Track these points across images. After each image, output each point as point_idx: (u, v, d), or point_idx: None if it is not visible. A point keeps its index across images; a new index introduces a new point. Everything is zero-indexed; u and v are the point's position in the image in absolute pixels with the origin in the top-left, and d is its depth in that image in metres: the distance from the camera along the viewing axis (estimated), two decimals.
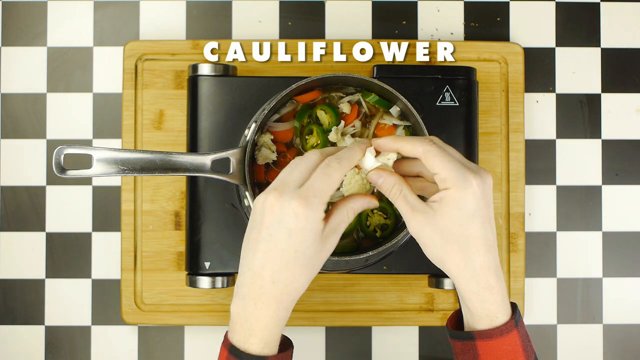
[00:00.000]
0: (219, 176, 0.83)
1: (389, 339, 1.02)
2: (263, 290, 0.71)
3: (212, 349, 1.01)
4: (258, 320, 0.72)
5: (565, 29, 1.04)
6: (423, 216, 0.72)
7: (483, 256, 0.72)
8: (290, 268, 0.71)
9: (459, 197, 0.71)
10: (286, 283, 0.71)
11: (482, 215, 0.72)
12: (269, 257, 0.71)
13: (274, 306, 0.71)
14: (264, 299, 0.71)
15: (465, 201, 0.71)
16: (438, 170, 0.72)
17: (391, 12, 1.04)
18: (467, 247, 0.72)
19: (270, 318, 0.72)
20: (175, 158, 0.81)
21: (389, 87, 0.85)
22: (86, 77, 1.03)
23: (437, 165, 0.72)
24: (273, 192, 0.71)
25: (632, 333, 1.03)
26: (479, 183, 0.71)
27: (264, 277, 0.71)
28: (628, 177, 1.04)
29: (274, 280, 0.71)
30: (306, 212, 0.70)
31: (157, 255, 1.00)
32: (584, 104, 1.04)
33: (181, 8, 1.04)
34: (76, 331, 1.01)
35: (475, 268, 0.72)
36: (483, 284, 0.72)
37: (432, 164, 0.72)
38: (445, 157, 0.72)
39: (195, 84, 0.92)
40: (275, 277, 0.71)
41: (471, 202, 0.71)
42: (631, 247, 1.03)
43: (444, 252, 0.73)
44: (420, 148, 0.73)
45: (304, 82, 0.84)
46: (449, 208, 0.71)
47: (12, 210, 1.02)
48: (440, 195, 0.72)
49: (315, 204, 0.71)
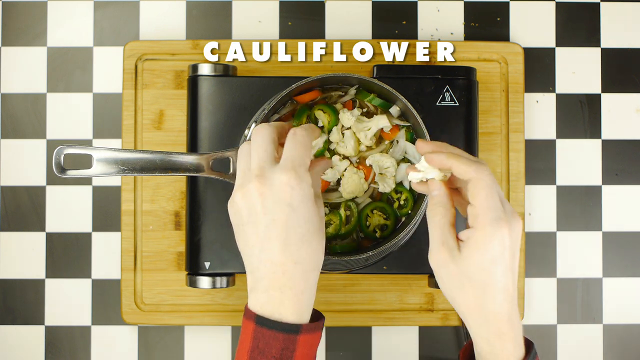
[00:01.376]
0: (218, 176, 0.83)
1: (389, 339, 1.02)
2: (288, 276, 0.69)
3: (212, 349, 1.01)
4: (287, 308, 0.69)
5: (565, 29, 1.04)
6: (449, 254, 0.71)
7: (499, 305, 0.70)
8: (307, 241, 0.70)
9: (486, 241, 0.69)
10: (309, 258, 0.70)
11: (505, 264, 0.70)
12: (282, 240, 0.69)
13: (302, 287, 0.70)
14: (290, 284, 0.69)
15: (491, 247, 0.69)
16: (478, 204, 0.70)
17: (391, 12, 1.04)
18: (484, 293, 0.70)
19: (300, 300, 0.70)
20: (175, 158, 0.81)
21: (389, 87, 0.85)
22: (86, 77, 1.03)
23: (480, 198, 0.69)
24: (253, 180, 0.70)
25: (632, 333, 1.03)
26: (508, 232, 0.69)
27: (285, 262, 0.69)
28: (628, 177, 1.04)
29: (296, 261, 0.69)
30: (299, 181, 0.69)
31: (157, 255, 1.00)
32: (584, 104, 1.04)
33: (181, 8, 1.04)
34: (76, 331, 1.01)
35: (488, 315, 0.71)
36: (494, 331, 0.71)
37: (476, 194, 0.70)
38: (490, 194, 0.69)
39: (195, 84, 0.92)
40: (296, 256, 0.69)
41: (497, 250, 0.69)
42: (631, 247, 1.03)
43: (459, 292, 0.71)
44: (474, 173, 0.70)
45: (303, 82, 0.84)
46: (474, 251, 0.70)
47: (12, 210, 1.02)
48: (467, 234, 0.70)
49: (302, 172, 0.70)
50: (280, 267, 0.69)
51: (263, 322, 0.69)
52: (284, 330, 0.69)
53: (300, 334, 0.69)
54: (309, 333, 0.70)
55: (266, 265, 0.70)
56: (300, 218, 0.69)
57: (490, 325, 0.71)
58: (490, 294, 0.70)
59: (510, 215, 0.70)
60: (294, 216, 0.69)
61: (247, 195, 0.70)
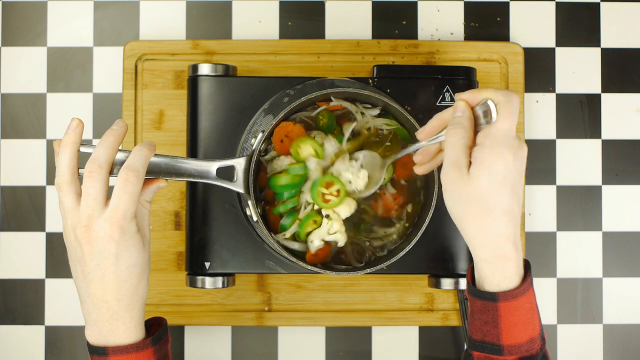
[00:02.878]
0: (223, 184, 0.83)
1: (389, 339, 1.02)
2: (112, 311, 0.75)
3: (212, 349, 1.01)
4: (118, 335, 0.75)
5: (565, 29, 1.04)
6: (458, 173, 0.73)
7: (504, 226, 0.72)
8: (127, 283, 0.75)
9: (493, 160, 0.71)
10: (130, 294, 0.75)
11: (510, 185, 0.72)
12: (105, 282, 0.74)
13: (128, 317, 0.75)
14: (116, 317, 0.75)
15: (497, 167, 0.71)
16: (497, 124, 0.72)
17: (391, 12, 1.04)
18: (488, 213, 0.72)
19: (128, 327, 0.75)
20: (180, 163, 0.81)
21: (395, 104, 0.85)
22: (86, 77, 1.03)
23: (501, 118, 0.72)
24: (82, 228, 0.74)
25: (632, 333, 1.03)
26: (514, 154, 0.72)
27: (107, 299, 0.74)
28: (628, 177, 1.04)
29: (118, 299, 0.75)
30: (122, 234, 0.73)
31: (157, 255, 1.00)
32: (584, 104, 1.04)
33: (181, 8, 1.04)
34: (76, 331, 1.01)
35: (494, 235, 0.72)
36: (498, 253, 0.73)
37: (501, 114, 0.72)
38: (512, 120, 0.72)
39: (195, 84, 0.92)
40: (117, 295, 0.75)
41: (502, 171, 0.71)
42: (631, 247, 1.03)
43: (465, 213, 0.73)
44: (502, 97, 0.73)
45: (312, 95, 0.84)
46: (481, 170, 0.72)
47: (12, 210, 1.02)
48: (476, 154, 0.72)
49: (126, 225, 0.74)
50: (104, 304, 0.75)
51: (97, 351, 0.75)
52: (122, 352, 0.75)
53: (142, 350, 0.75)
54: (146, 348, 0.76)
55: (92, 300, 0.75)
56: (122, 265, 0.74)
57: (495, 247, 0.73)
58: (494, 215, 0.72)
59: (517, 141, 0.73)
60: (117, 264, 0.74)
61: (77, 239, 0.74)
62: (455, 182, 0.73)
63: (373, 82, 0.91)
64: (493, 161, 0.71)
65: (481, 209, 0.72)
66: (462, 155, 0.73)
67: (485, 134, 0.73)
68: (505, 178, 0.71)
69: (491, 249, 0.73)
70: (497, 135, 0.72)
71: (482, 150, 0.72)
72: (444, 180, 0.74)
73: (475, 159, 0.72)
